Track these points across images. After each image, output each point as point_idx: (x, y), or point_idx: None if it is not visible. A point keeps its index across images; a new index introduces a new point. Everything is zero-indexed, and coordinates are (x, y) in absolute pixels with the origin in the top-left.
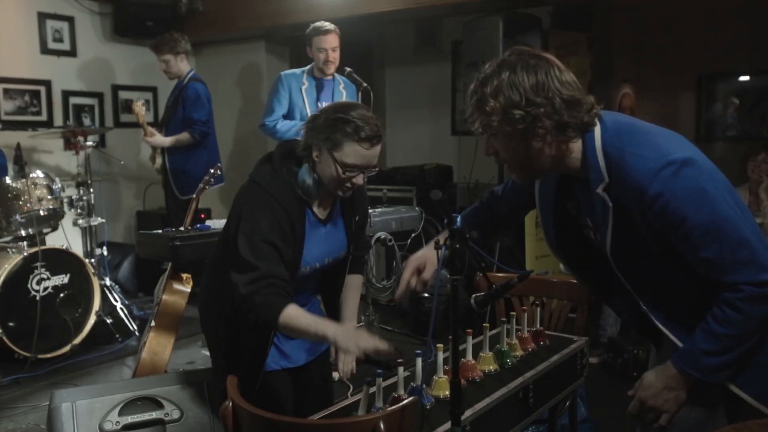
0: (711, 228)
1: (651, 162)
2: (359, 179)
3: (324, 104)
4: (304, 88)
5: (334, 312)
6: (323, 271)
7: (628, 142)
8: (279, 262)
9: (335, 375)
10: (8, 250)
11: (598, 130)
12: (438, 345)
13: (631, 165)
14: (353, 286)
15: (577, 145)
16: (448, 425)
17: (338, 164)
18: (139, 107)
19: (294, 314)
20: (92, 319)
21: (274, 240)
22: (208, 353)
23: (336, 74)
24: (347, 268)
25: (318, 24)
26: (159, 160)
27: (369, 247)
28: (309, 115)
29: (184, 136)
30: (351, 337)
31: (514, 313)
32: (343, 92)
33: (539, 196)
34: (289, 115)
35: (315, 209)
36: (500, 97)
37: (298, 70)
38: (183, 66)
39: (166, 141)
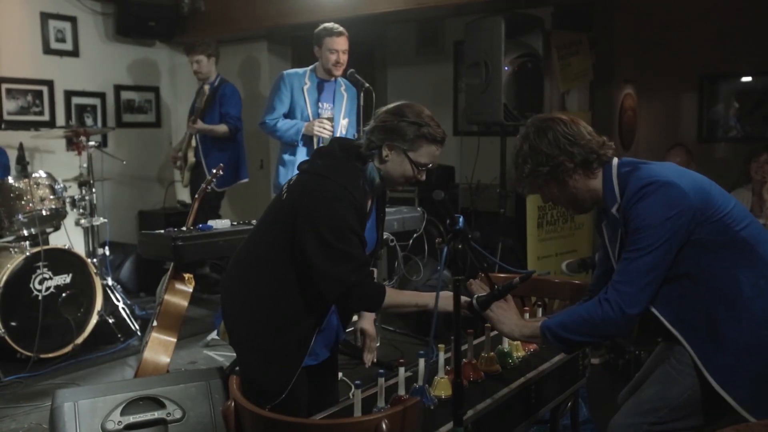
0: (640, 242)
1: (636, 184)
2: (423, 175)
3: (325, 105)
4: (306, 87)
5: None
6: None
7: (634, 169)
8: (363, 250)
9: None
10: (11, 249)
11: (615, 163)
12: (440, 345)
13: (630, 185)
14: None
15: (599, 182)
16: (450, 425)
17: (413, 164)
18: (207, 90)
19: (393, 293)
20: (94, 319)
21: (357, 230)
22: (210, 353)
23: (338, 77)
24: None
25: (330, 25)
26: (191, 157)
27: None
28: (310, 115)
29: (221, 127)
30: (446, 300)
31: None
32: (344, 94)
33: (608, 242)
34: (290, 114)
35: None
36: (528, 163)
37: (300, 70)
38: (213, 69)
39: (207, 128)
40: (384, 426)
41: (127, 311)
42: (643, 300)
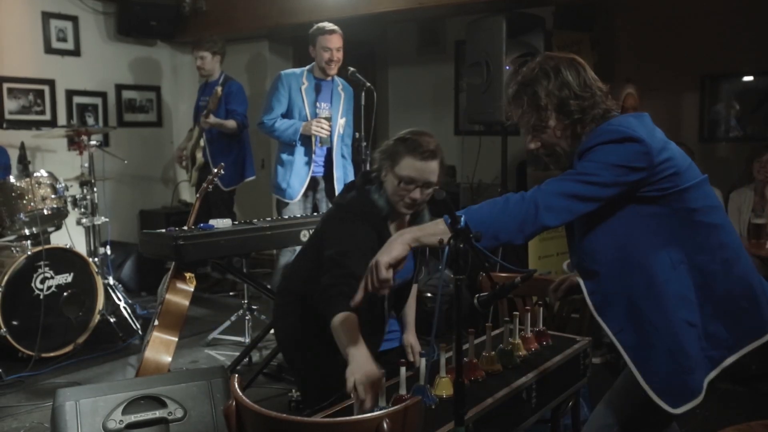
0: (581, 168)
1: (605, 128)
2: (416, 193)
3: (323, 105)
4: (303, 87)
5: (399, 320)
6: (394, 290)
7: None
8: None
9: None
10: (12, 249)
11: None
12: (441, 345)
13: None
14: (412, 295)
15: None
16: (451, 425)
17: (396, 178)
18: (219, 92)
19: (340, 321)
20: (96, 318)
21: (365, 249)
22: (211, 352)
23: (335, 76)
24: (411, 286)
25: (322, 24)
26: (200, 157)
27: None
28: (308, 115)
29: (231, 122)
30: (356, 369)
31: (517, 313)
32: (341, 94)
33: None
34: (288, 115)
35: (391, 227)
36: (551, 96)
37: (298, 70)
38: (216, 67)
39: (218, 122)
40: (385, 425)
41: (129, 310)
42: (561, 210)
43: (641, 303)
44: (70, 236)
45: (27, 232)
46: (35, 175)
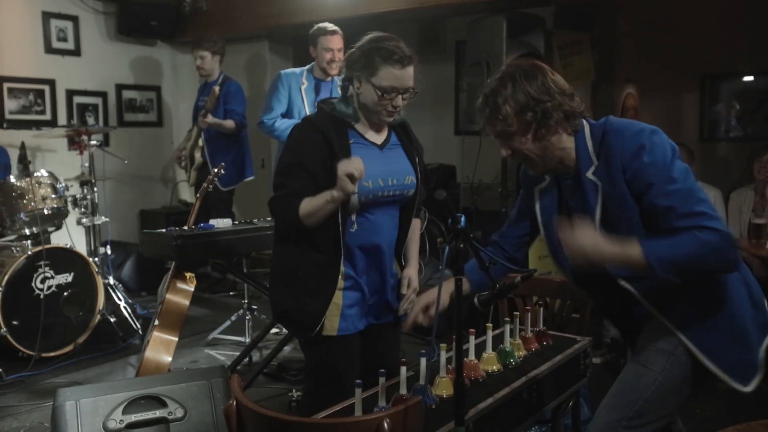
0: (677, 181)
1: (629, 131)
2: (398, 101)
3: None
4: (303, 87)
5: (399, 257)
6: (398, 219)
7: (609, 126)
8: (307, 181)
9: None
10: (12, 249)
11: (586, 127)
12: (441, 345)
13: (613, 139)
14: (415, 228)
15: (571, 141)
16: (451, 425)
17: (377, 89)
18: (217, 91)
19: (306, 201)
20: (96, 318)
21: (304, 162)
22: (211, 352)
23: (335, 76)
24: (413, 212)
25: (323, 24)
26: (198, 157)
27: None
28: (307, 114)
29: (229, 122)
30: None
31: (517, 313)
32: (340, 93)
33: (541, 212)
34: (287, 114)
35: (360, 130)
36: (510, 103)
37: (297, 70)
38: (216, 66)
39: (216, 122)
40: (385, 425)
41: (129, 310)
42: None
43: (700, 293)
44: (71, 236)
45: (27, 231)
46: (35, 174)
